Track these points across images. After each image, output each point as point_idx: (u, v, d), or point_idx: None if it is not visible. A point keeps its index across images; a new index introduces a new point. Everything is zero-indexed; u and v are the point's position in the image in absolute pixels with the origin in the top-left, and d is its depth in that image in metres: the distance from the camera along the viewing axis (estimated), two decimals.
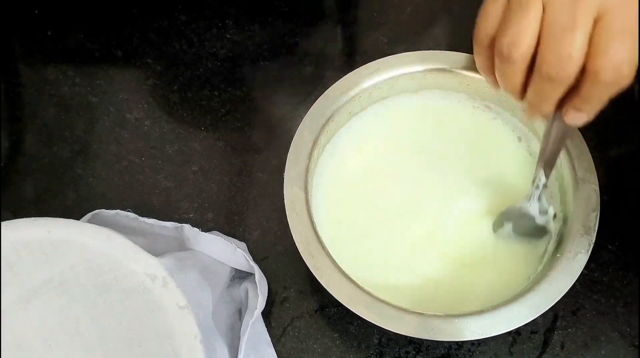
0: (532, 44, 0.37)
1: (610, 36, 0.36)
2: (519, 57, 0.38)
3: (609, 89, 0.37)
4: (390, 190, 0.54)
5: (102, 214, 0.51)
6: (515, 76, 0.39)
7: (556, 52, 0.37)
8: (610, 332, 0.54)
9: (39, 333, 0.42)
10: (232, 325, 0.51)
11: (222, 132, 0.62)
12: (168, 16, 0.68)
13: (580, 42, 0.36)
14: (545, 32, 0.37)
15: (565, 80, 0.37)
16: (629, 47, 0.36)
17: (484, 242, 0.52)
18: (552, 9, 0.37)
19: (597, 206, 0.49)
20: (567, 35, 0.36)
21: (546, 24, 0.37)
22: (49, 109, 0.64)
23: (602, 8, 0.36)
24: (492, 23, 0.39)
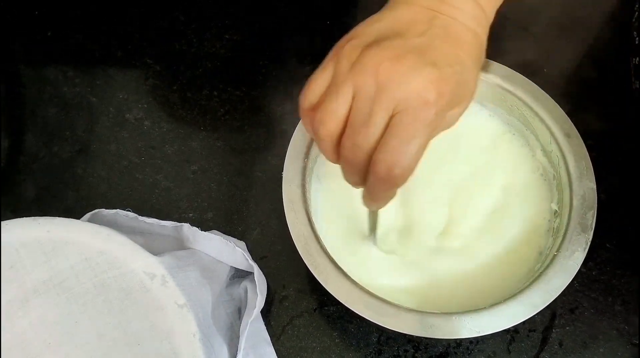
0: (338, 126, 0.39)
1: (392, 136, 0.38)
2: (325, 135, 0.39)
3: (381, 183, 0.39)
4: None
5: (102, 214, 0.51)
6: (325, 150, 0.41)
7: (352, 140, 0.39)
8: (608, 330, 0.54)
9: (39, 332, 0.42)
10: (231, 323, 0.52)
11: (221, 132, 0.63)
12: (168, 16, 0.68)
13: (370, 135, 0.38)
14: (349, 120, 0.39)
15: (357, 166, 0.40)
16: (407, 151, 0.37)
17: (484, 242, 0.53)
18: (357, 100, 0.38)
19: (594, 205, 0.49)
20: (362, 128, 0.38)
21: (351, 113, 0.39)
22: (49, 109, 0.64)
23: (397, 107, 0.37)
24: (313, 94, 0.40)
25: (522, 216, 0.53)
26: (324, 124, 0.39)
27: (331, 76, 0.40)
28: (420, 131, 0.38)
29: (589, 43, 0.67)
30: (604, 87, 0.63)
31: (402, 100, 0.37)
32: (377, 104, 0.38)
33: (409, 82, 0.37)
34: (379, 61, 0.38)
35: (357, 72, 0.38)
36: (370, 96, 0.38)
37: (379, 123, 0.38)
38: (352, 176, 0.41)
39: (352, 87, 0.38)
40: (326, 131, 0.39)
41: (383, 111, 0.38)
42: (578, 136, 0.52)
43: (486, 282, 0.51)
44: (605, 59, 0.65)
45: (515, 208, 0.53)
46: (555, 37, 0.67)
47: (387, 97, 0.37)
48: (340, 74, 0.39)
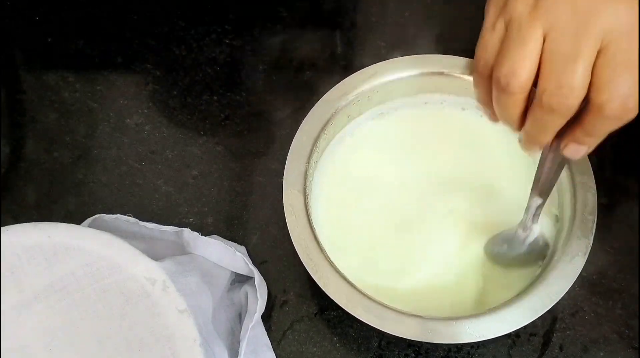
0: (532, 74, 0.36)
1: (615, 69, 0.35)
2: (517, 88, 0.36)
3: (613, 122, 0.36)
4: (389, 193, 0.54)
5: (103, 219, 0.51)
6: (513, 107, 0.38)
7: (557, 83, 0.35)
8: (609, 334, 0.54)
9: (40, 338, 0.42)
10: (231, 328, 0.52)
11: (221, 137, 0.63)
12: (167, 22, 0.68)
13: (582, 73, 0.35)
14: (546, 61, 0.36)
15: (566, 112, 0.36)
16: (634, 80, 0.35)
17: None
18: (554, 37, 0.35)
19: (594, 210, 0.49)
20: (569, 66, 0.35)
21: (547, 53, 0.35)
22: (49, 114, 0.64)
23: (606, 38, 0.35)
24: (490, 53, 0.38)
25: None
26: (517, 74, 0.36)
27: (503, 29, 0.37)
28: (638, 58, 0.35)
29: None
30: None
31: (613, 29, 0.34)
32: (584, 37, 0.34)
33: (615, 10, 0.35)
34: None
35: (547, 8, 0.35)
36: (572, 31, 0.35)
37: (589, 58, 0.35)
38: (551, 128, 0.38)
39: (542, 27, 0.35)
40: (521, 81, 0.36)
41: (591, 44, 0.35)
42: None
43: (487, 287, 0.51)
44: None
45: (516, 212, 0.53)
46: None
47: (594, 29, 0.34)
48: (521, 18, 0.36)
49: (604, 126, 0.36)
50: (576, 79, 0.35)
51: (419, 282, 0.51)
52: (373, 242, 0.53)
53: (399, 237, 0.53)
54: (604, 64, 0.35)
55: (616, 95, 0.35)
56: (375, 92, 0.55)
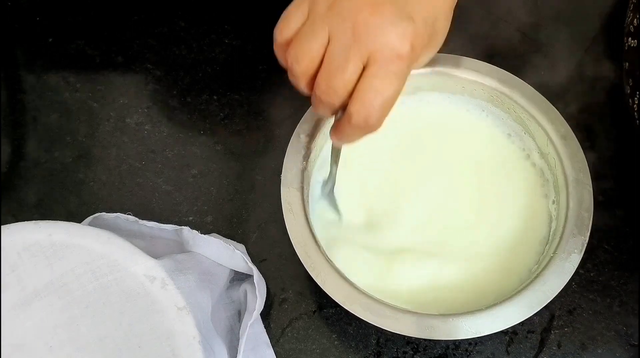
0: (312, 65, 0.41)
1: (369, 86, 0.40)
2: (299, 73, 0.42)
3: (357, 130, 0.42)
4: (387, 190, 0.55)
5: (103, 218, 0.52)
6: (297, 82, 0.43)
7: (327, 84, 0.41)
8: (606, 331, 0.54)
9: (40, 335, 0.42)
10: (231, 326, 0.52)
11: (221, 136, 0.63)
12: (167, 22, 0.69)
13: (346, 82, 0.40)
14: (324, 61, 0.41)
15: (330, 107, 0.42)
16: (382, 101, 0.40)
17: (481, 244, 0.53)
18: (333, 44, 0.40)
19: (590, 207, 0.49)
20: (338, 73, 0.40)
21: (327, 55, 0.40)
22: (50, 114, 0.64)
23: (371, 58, 0.39)
24: (288, 29, 0.42)
25: (519, 217, 0.53)
26: (299, 63, 0.41)
27: (306, 13, 0.41)
28: (393, 82, 0.40)
29: (585, 46, 0.67)
30: (599, 90, 0.64)
31: (377, 51, 0.39)
32: (353, 52, 0.39)
33: (385, 35, 0.39)
34: (358, 8, 0.40)
35: (335, 16, 0.40)
36: (347, 43, 0.40)
37: (354, 71, 0.40)
38: (324, 112, 0.43)
39: (328, 29, 0.40)
40: (301, 69, 0.41)
41: (358, 59, 0.39)
42: (574, 138, 0.52)
43: (484, 284, 0.51)
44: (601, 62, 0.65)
45: (512, 209, 0.53)
46: (551, 40, 0.67)
47: (363, 46, 0.39)
48: (317, 14, 0.41)
49: (350, 131, 0.42)
50: (340, 86, 0.40)
51: (417, 280, 0.52)
52: (372, 239, 0.53)
53: (397, 235, 0.53)
54: (362, 81, 0.40)
55: (362, 108, 0.40)
56: None
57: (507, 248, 0.52)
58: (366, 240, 0.53)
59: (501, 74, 0.55)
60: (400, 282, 0.51)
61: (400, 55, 0.39)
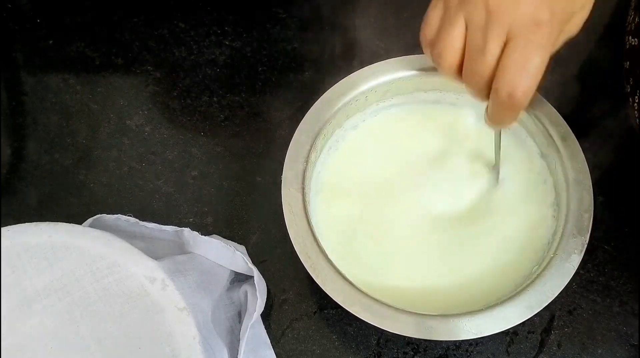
0: (456, 57, 0.41)
1: (510, 62, 0.39)
2: (446, 67, 0.42)
3: (504, 109, 0.41)
4: (388, 191, 0.55)
5: (103, 219, 0.52)
6: (448, 76, 0.43)
7: (471, 69, 0.41)
8: (606, 332, 0.54)
9: (40, 336, 0.42)
10: (231, 327, 0.52)
11: (221, 137, 0.63)
12: (167, 24, 0.69)
13: (488, 63, 0.40)
14: (466, 49, 0.41)
15: (479, 91, 0.42)
16: (525, 75, 0.39)
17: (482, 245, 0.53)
18: (470, 29, 0.40)
19: (590, 208, 0.49)
20: (479, 56, 0.40)
21: (467, 43, 0.41)
22: (50, 116, 0.65)
23: (509, 33, 0.39)
24: (430, 30, 0.43)
25: (519, 218, 0.53)
26: (443, 57, 0.42)
27: (442, 10, 0.42)
28: (536, 53, 0.39)
29: (585, 46, 0.67)
30: (599, 91, 0.64)
31: (515, 25, 0.39)
32: (490, 32, 0.39)
33: (519, 6, 0.38)
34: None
35: (468, 3, 0.40)
36: (482, 25, 0.39)
37: (494, 50, 0.39)
38: (478, 96, 0.43)
39: (463, 17, 0.40)
40: (446, 63, 0.42)
41: (496, 37, 0.39)
42: (574, 138, 0.52)
43: (484, 284, 0.51)
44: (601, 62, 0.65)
45: (513, 210, 0.53)
46: None
47: (498, 24, 0.39)
48: (451, 7, 0.41)
49: (498, 111, 0.42)
50: (483, 69, 0.40)
51: (418, 280, 0.52)
52: (372, 240, 0.53)
53: (398, 235, 0.53)
54: (503, 57, 0.40)
55: (505, 85, 0.39)
56: (373, 92, 0.55)
57: (508, 249, 0.52)
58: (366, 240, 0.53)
59: None
60: (401, 282, 0.51)
61: (539, 22, 0.38)
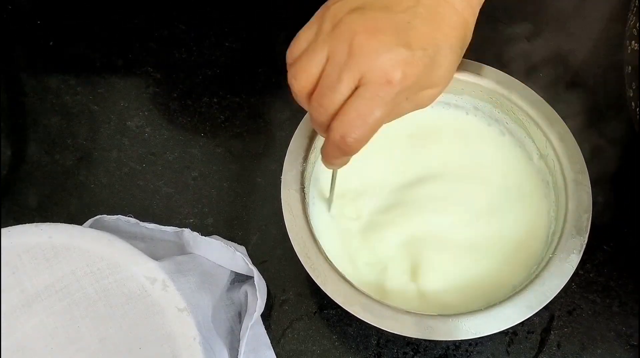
0: (309, 83, 0.41)
1: (352, 107, 0.40)
2: (297, 90, 0.42)
3: (335, 149, 0.42)
4: (387, 192, 0.55)
5: (104, 220, 0.52)
6: (298, 100, 0.43)
7: (319, 101, 0.41)
8: (606, 332, 0.55)
9: (41, 337, 0.42)
10: (231, 327, 0.52)
11: (221, 138, 0.63)
12: (167, 25, 0.69)
13: (335, 101, 0.40)
14: (321, 80, 0.41)
15: (320, 124, 0.42)
16: (361, 123, 0.40)
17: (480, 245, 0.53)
18: (329, 63, 0.41)
19: (589, 208, 0.49)
20: (328, 91, 0.40)
21: (323, 74, 0.41)
22: (51, 117, 0.65)
23: (362, 79, 0.40)
24: (296, 50, 0.43)
25: (518, 219, 0.53)
26: (297, 80, 0.42)
27: (314, 34, 0.42)
28: (378, 108, 0.40)
29: (586, 48, 0.68)
30: (599, 93, 0.64)
31: (368, 73, 0.39)
32: (345, 72, 0.40)
33: (377, 58, 0.39)
34: (357, 30, 0.40)
35: (334, 37, 0.40)
36: (341, 63, 0.40)
37: (344, 90, 0.40)
38: (317, 129, 0.44)
39: (327, 49, 0.40)
40: (298, 87, 0.42)
41: (349, 79, 0.40)
42: (573, 139, 0.52)
43: (483, 284, 0.51)
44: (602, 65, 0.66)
45: (512, 211, 0.54)
46: (552, 43, 0.67)
47: (354, 67, 0.39)
48: (320, 35, 0.41)
49: (329, 149, 0.43)
50: (329, 104, 0.41)
51: (417, 280, 0.52)
52: (371, 241, 0.53)
53: (398, 236, 0.53)
54: (350, 99, 0.40)
55: (341, 126, 0.40)
56: None
57: (507, 249, 0.52)
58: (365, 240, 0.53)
59: (500, 76, 0.55)
60: (400, 283, 0.51)
61: (390, 80, 0.39)
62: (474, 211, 0.54)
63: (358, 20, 0.40)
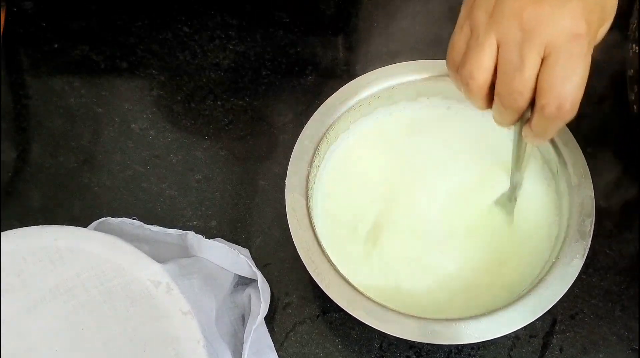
0: (487, 77, 0.41)
1: (554, 76, 0.39)
2: (476, 88, 0.41)
3: (554, 122, 0.40)
4: (391, 196, 0.55)
5: (108, 222, 0.52)
6: (476, 99, 0.42)
7: (508, 89, 0.40)
8: (608, 336, 0.55)
9: (46, 340, 0.42)
10: (235, 330, 0.52)
11: (225, 141, 0.63)
12: (171, 28, 0.69)
13: (527, 80, 0.39)
14: (500, 68, 0.40)
15: (517, 110, 0.41)
16: (572, 86, 0.39)
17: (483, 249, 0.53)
18: (504, 47, 0.39)
19: (592, 212, 0.50)
20: (516, 74, 0.39)
21: (500, 61, 0.40)
22: (55, 119, 0.65)
23: (547, 48, 0.38)
24: (457, 53, 0.42)
25: (521, 223, 0.53)
26: (474, 78, 0.41)
27: (469, 32, 0.41)
28: (579, 64, 0.39)
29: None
30: (602, 97, 0.64)
31: (553, 40, 0.38)
32: (528, 49, 0.39)
33: (557, 21, 0.38)
34: (520, 5, 0.39)
35: (499, 21, 0.39)
36: (518, 42, 0.39)
37: (533, 66, 0.39)
38: (510, 118, 0.42)
39: (495, 36, 0.39)
40: (477, 84, 0.41)
41: (535, 54, 0.39)
42: (576, 144, 0.52)
43: (486, 289, 0.51)
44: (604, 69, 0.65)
45: (515, 215, 0.54)
46: None
47: (537, 40, 0.38)
48: (480, 26, 0.40)
49: (546, 124, 0.41)
50: (522, 86, 0.39)
51: (422, 285, 0.52)
52: (375, 244, 0.53)
53: (402, 240, 0.53)
54: (545, 72, 0.39)
55: (553, 98, 0.39)
56: (376, 97, 0.56)
57: (509, 254, 0.52)
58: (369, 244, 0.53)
59: None
60: (403, 286, 0.51)
61: (578, 34, 0.38)
62: (476, 215, 0.54)
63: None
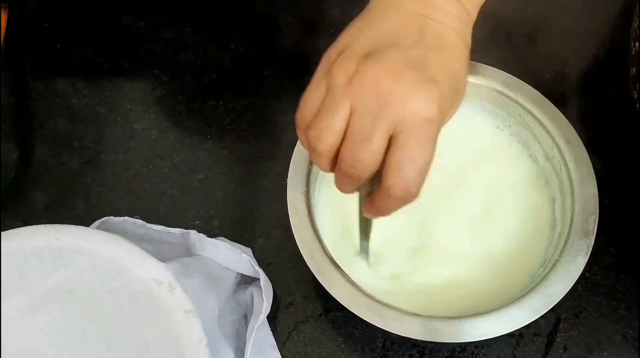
0: (336, 141, 0.39)
1: (402, 158, 0.38)
2: (322, 151, 0.40)
3: (397, 202, 0.40)
4: None
5: (110, 222, 0.52)
6: (320, 162, 0.41)
7: (352, 157, 0.39)
8: (612, 334, 0.54)
9: (48, 339, 0.42)
10: (237, 329, 0.52)
11: (227, 141, 0.63)
12: (173, 28, 0.69)
13: (373, 153, 0.38)
14: (348, 135, 0.39)
15: (357, 180, 0.40)
16: (418, 170, 0.38)
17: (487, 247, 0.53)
18: (356, 116, 0.38)
19: (595, 210, 0.49)
20: (363, 144, 0.38)
21: (350, 128, 0.38)
22: (58, 120, 0.65)
23: (398, 126, 0.38)
24: (309, 111, 0.40)
25: (525, 221, 0.53)
26: (322, 141, 0.39)
27: (325, 91, 0.39)
28: (427, 148, 0.38)
29: (591, 51, 0.67)
30: (605, 95, 0.64)
31: (405, 120, 0.37)
32: (379, 121, 0.38)
33: (411, 101, 0.37)
34: (380, 76, 0.38)
35: (357, 87, 0.38)
36: (372, 112, 0.38)
37: (381, 140, 0.38)
38: (349, 187, 0.41)
39: (349, 102, 0.38)
40: (324, 147, 0.39)
41: (385, 128, 0.38)
42: (580, 141, 0.52)
43: (490, 287, 0.51)
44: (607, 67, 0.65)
45: (518, 212, 0.54)
46: (558, 45, 0.67)
47: (390, 115, 0.37)
48: (337, 89, 0.39)
49: (389, 204, 0.40)
50: (366, 158, 0.38)
51: (423, 283, 0.52)
52: (377, 243, 0.53)
53: (403, 237, 0.53)
54: (394, 152, 0.38)
55: (400, 181, 0.38)
56: None
57: (513, 251, 0.52)
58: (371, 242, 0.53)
59: (506, 78, 0.55)
60: (406, 284, 0.51)
61: (429, 119, 0.38)
62: (480, 213, 0.54)
63: (375, 66, 0.38)
